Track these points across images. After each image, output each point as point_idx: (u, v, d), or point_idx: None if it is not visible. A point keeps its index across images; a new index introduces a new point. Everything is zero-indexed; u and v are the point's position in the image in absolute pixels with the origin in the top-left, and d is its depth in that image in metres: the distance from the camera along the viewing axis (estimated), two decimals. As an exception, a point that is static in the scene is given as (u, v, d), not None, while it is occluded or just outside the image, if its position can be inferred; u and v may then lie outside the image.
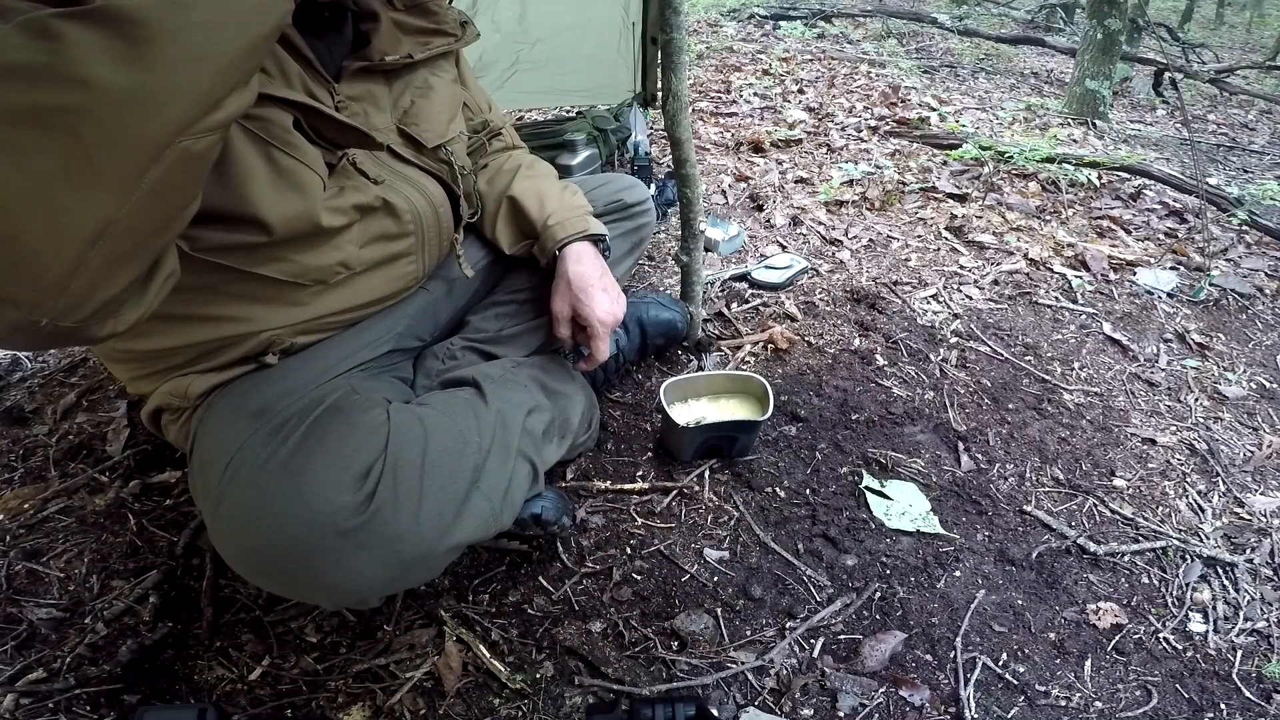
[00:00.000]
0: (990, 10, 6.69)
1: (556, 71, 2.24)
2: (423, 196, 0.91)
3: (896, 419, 1.36)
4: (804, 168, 2.54)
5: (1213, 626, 1.04)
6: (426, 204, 0.92)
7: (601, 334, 1.01)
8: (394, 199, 0.87)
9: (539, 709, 0.89)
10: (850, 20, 5.67)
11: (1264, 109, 4.44)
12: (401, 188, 0.89)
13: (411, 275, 0.95)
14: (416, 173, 0.92)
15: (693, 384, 1.28)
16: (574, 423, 1.06)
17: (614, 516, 1.15)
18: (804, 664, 0.96)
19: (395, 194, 0.87)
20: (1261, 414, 1.47)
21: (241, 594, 1.02)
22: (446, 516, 0.75)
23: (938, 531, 1.14)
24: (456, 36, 0.98)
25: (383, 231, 0.87)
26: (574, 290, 1.00)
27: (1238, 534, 1.19)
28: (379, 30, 0.88)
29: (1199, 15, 9.04)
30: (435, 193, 0.94)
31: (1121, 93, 4.49)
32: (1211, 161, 3.23)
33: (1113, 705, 0.93)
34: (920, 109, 3.29)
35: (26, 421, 1.33)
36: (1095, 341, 1.66)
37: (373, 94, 0.87)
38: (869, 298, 1.74)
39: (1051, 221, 2.23)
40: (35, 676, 0.91)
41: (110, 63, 0.44)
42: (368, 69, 0.86)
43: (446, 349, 1.07)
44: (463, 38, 0.99)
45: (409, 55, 0.90)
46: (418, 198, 0.91)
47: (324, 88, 0.80)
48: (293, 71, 0.76)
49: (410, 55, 0.90)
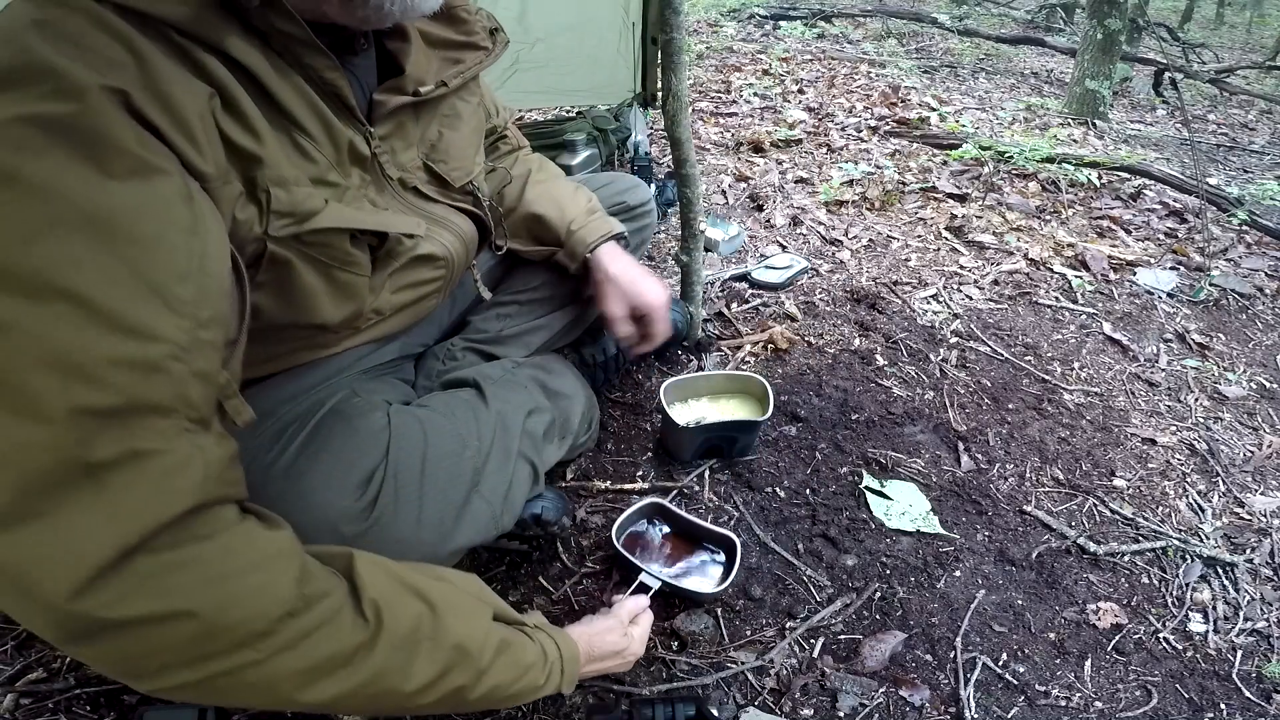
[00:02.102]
0: (990, 10, 6.69)
1: (556, 71, 2.24)
2: (455, 237, 0.87)
3: (896, 419, 1.36)
4: (804, 168, 2.54)
5: (1213, 626, 1.04)
6: (459, 243, 0.88)
7: (663, 314, 1.08)
8: (431, 248, 0.83)
9: (539, 709, 0.89)
10: (850, 20, 5.67)
11: (1264, 109, 4.44)
12: (437, 234, 0.84)
13: (434, 306, 0.94)
14: (445, 210, 0.86)
15: (693, 384, 1.28)
16: (574, 423, 1.06)
17: (614, 516, 1.14)
18: (804, 664, 0.96)
19: (431, 243, 0.83)
20: (1261, 414, 1.47)
21: (241, 594, 1.02)
22: (447, 521, 0.75)
23: (938, 531, 1.14)
24: (488, 50, 0.87)
25: (418, 279, 0.85)
26: (624, 288, 1.06)
27: (1238, 534, 1.19)
28: (410, 53, 0.77)
29: (1199, 15, 9.04)
30: (466, 229, 0.89)
31: (1121, 93, 4.49)
32: (1211, 161, 3.23)
33: (1113, 705, 0.93)
34: (920, 109, 3.29)
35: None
36: (1095, 341, 1.66)
37: (402, 128, 0.78)
38: (869, 298, 1.74)
39: (1051, 221, 2.23)
40: (35, 676, 0.90)
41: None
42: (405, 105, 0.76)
43: (447, 350, 1.07)
44: (494, 50, 0.87)
45: (443, 84, 0.79)
46: (451, 240, 0.86)
47: (360, 133, 0.71)
48: (338, 134, 0.67)
49: (444, 84, 0.79)
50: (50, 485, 0.42)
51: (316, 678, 0.51)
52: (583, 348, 1.27)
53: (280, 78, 0.61)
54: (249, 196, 0.59)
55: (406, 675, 0.56)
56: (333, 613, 0.52)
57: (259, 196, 0.60)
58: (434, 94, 0.78)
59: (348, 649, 0.52)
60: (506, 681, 0.64)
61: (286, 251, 0.64)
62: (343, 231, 0.68)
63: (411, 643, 0.56)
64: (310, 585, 0.51)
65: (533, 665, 0.67)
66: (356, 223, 0.68)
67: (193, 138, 0.52)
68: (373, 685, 0.54)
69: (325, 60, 0.63)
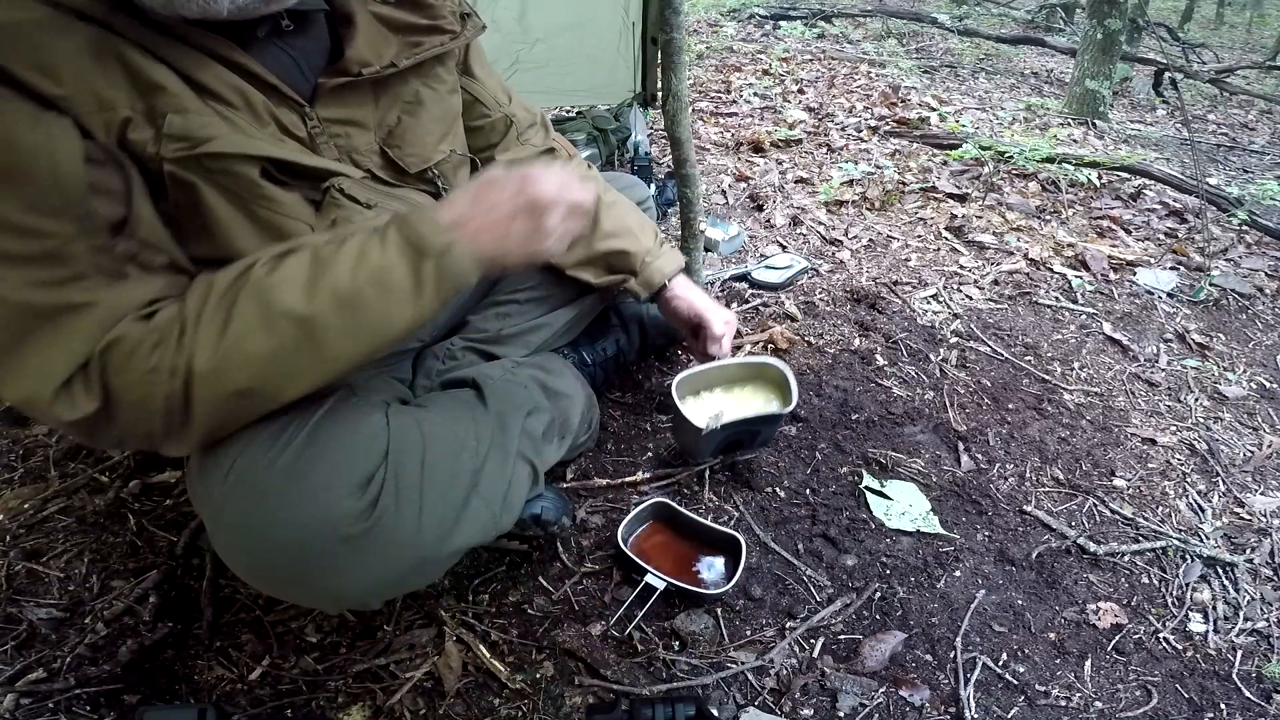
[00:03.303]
0: (990, 10, 6.69)
1: (556, 71, 2.24)
2: None
3: (896, 419, 1.36)
4: (804, 168, 2.54)
5: (1213, 626, 1.04)
6: None
7: (729, 335, 1.20)
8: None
9: (539, 709, 0.89)
10: (850, 20, 5.67)
11: (1264, 109, 4.44)
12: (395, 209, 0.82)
13: None
14: (407, 192, 0.86)
15: (704, 376, 1.20)
16: (574, 423, 1.06)
17: (614, 516, 1.14)
18: (804, 664, 0.96)
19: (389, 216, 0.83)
20: (1261, 414, 1.47)
21: (241, 594, 1.02)
22: (447, 522, 0.75)
23: (938, 531, 1.14)
24: (454, 33, 0.87)
25: None
26: (695, 317, 1.18)
27: (1238, 534, 1.19)
28: (354, 36, 0.78)
29: (1199, 15, 9.04)
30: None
31: (1121, 93, 4.49)
32: (1211, 161, 3.23)
33: (1113, 705, 0.93)
34: (920, 109, 3.29)
35: (26, 421, 1.33)
36: (1095, 341, 1.66)
37: (355, 112, 0.79)
38: (869, 298, 1.74)
39: (1051, 221, 2.23)
40: (35, 676, 0.90)
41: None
42: (348, 84, 0.77)
43: (446, 349, 1.07)
44: (461, 34, 0.87)
45: (392, 65, 0.79)
46: None
47: (295, 112, 0.74)
48: (258, 103, 0.71)
49: (394, 64, 0.79)
50: (15, 335, 0.61)
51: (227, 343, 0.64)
52: (582, 348, 1.27)
53: (182, 51, 0.66)
54: (146, 120, 0.64)
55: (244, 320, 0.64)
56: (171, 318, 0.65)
57: (156, 120, 0.65)
58: (382, 74, 0.78)
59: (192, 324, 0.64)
60: (343, 270, 0.66)
61: (189, 175, 0.66)
62: (245, 159, 0.69)
63: (230, 295, 0.65)
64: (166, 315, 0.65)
65: (362, 237, 0.68)
66: (251, 149, 0.69)
67: (48, 69, 0.59)
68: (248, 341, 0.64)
69: (218, 41, 0.68)
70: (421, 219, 0.69)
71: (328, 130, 0.77)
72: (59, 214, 0.60)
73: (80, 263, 0.62)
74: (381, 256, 0.67)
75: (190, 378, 0.63)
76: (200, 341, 0.63)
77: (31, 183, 0.59)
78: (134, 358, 0.62)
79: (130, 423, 0.65)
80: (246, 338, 0.64)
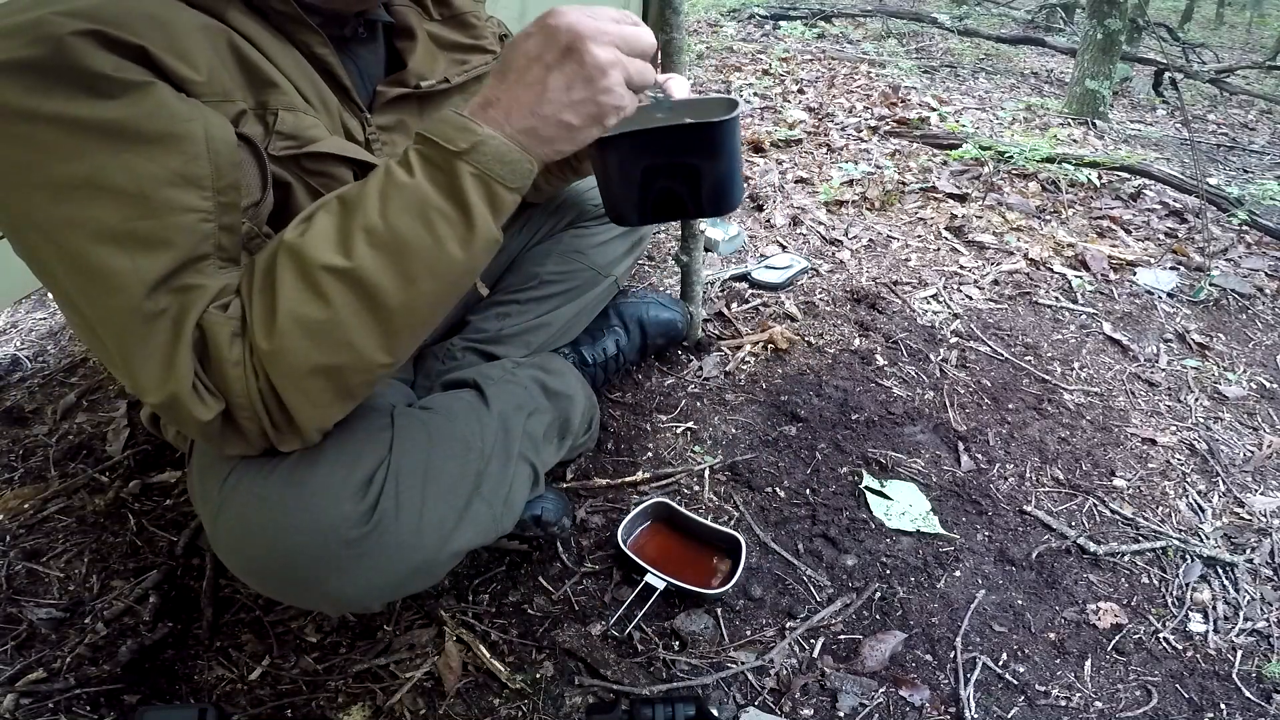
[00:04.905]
0: (990, 10, 6.68)
1: (556, 71, 2.24)
2: None
3: (896, 419, 1.36)
4: (804, 168, 2.54)
5: (1213, 626, 1.04)
6: None
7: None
8: None
9: (539, 709, 0.89)
10: (850, 20, 5.67)
11: (1264, 109, 4.43)
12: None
13: None
14: None
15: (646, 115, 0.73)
16: (574, 423, 1.06)
17: (614, 516, 1.14)
18: (804, 664, 0.96)
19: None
20: (1261, 414, 1.47)
21: (241, 594, 1.02)
22: (448, 524, 0.75)
23: (938, 531, 1.14)
24: (495, 54, 0.90)
25: None
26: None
27: (1238, 534, 1.19)
28: (415, 49, 0.82)
29: (1199, 15, 9.04)
30: None
31: (1121, 93, 4.49)
32: (1211, 161, 3.23)
33: (1113, 705, 0.93)
34: (920, 109, 3.29)
35: (26, 421, 1.33)
36: (1095, 341, 1.66)
37: (405, 123, 0.81)
38: (869, 298, 1.74)
39: (1051, 221, 2.23)
40: (35, 676, 0.91)
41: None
42: (404, 96, 0.80)
43: (446, 349, 1.07)
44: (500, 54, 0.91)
45: (445, 80, 0.83)
46: None
47: (356, 118, 0.76)
48: (332, 105, 0.72)
49: (447, 80, 0.83)
50: (131, 329, 0.57)
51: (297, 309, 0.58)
52: (583, 348, 1.27)
53: (280, 48, 0.67)
54: (257, 116, 0.64)
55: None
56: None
57: (267, 118, 0.65)
58: (435, 88, 0.82)
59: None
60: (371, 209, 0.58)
61: (287, 174, 0.67)
62: (343, 162, 0.70)
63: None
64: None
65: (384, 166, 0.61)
66: (351, 152, 0.71)
67: (184, 55, 0.59)
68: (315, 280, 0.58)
69: (316, 37, 0.69)
70: (439, 120, 0.59)
71: (380, 138, 0.79)
72: (203, 187, 0.58)
73: (207, 243, 0.59)
74: (408, 179, 0.58)
75: (263, 362, 0.58)
76: (256, 320, 0.58)
77: (183, 151, 0.56)
78: (222, 349, 0.58)
79: (247, 420, 0.61)
80: (295, 307, 0.58)
